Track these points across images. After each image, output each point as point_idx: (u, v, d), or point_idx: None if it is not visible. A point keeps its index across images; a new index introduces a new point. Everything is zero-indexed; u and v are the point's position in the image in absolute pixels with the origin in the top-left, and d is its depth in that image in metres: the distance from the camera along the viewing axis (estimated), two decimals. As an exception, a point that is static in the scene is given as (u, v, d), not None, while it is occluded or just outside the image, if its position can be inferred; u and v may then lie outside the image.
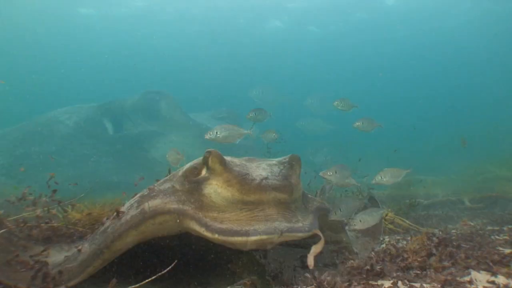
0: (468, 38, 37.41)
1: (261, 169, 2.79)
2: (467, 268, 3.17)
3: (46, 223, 3.97)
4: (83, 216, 4.77)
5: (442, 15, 34.28)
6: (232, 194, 2.58)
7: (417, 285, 2.70)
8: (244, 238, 2.37)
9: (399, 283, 2.71)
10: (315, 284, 2.54)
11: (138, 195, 3.16)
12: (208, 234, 2.46)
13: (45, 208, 4.13)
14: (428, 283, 2.75)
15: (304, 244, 3.79)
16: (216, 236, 2.42)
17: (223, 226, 2.45)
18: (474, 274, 3.04)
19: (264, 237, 2.37)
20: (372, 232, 4.53)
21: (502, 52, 38.55)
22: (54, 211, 4.28)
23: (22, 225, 3.73)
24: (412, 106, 53.21)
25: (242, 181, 2.60)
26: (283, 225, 2.47)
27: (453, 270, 3.00)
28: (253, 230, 2.40)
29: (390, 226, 6.87)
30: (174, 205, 2.68)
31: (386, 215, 7.09)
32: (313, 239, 2.74)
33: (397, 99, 53.86)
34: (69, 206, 6.75)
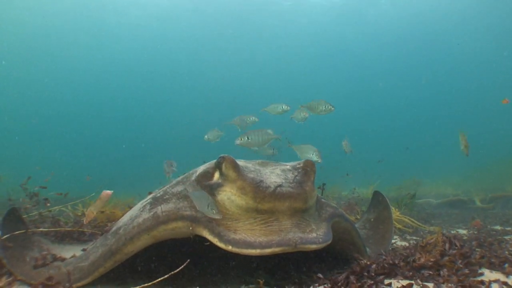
0: (467, 37, 37.18)
1: (275, 176, 2.76)
2: (480, 268, 3.15)
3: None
4: (95, 215, 4.81)
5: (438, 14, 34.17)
6: (246, 202, 2.56)
7: (430, 285, 2.69)
8: (257, 251, 2.35)
9: (412, 283, 2.69)
10: (329, 284, 2.53)
11: (150, 196, 3.16)
12: (221, 245, 2.44)
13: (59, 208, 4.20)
14: (442, 283, 2.73)
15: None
16: (230, 247, 2.40)
17: (237, 236, 2.43)
18: (488, 275, 3.02)
19: (278, 249, 2.36)
20: (382, 232, 4.50)
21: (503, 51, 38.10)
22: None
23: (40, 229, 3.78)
24: (417, 107, 52.87)
25: (256, 189, 2.56)
26: (297, 236, 2.44)
27: (466, 270, 2.98)
28: (267, 242, 2.37)
29: (399, 226, 6.85)
30: (187, 212, 2.66)
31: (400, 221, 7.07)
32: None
33: (401, 100, 53.50)
34: (80, 205, 6.87)
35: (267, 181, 2.63)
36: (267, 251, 2.35)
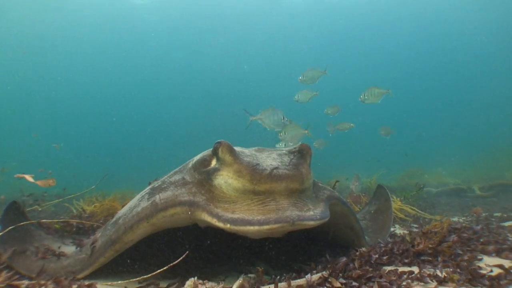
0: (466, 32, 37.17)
1: (271, 159, 2.77)
2: (479, 254, 3.17)
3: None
4: (95, 209, 4.85)
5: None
6: (243, 185, 2.56)
7: (429, 271, 2.70)
8: (256, 228, 2.36)
9: (413, 270, 2.70)
10: (328, 271, 2.54)
11: (149, 187, 3.18)
12: (220, 224, 2.45)
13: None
14: (439, 269, 2.74)
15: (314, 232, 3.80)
16: (228, 226, 2.41)
17: (235, 216, 2.44)
18: (486, 260, 3.04)
19: (276, 226, 2.36)
20: (382, 222, 4.52)
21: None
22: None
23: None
24: (420, 96, 52.71)
25: (253, 171, 2.57)
26: (294, 213, 2.45)
27: (465, 256, 3.00)
28: (265, 219, 2.38)
29: (401, 215, 6.86)
30: (185, 197, 2.68)
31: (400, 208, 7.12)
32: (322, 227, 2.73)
33: (403, 89, 53.31)
34: (81, 200, 6.89)
35: (263, 164, 2.64)
36: (265, 227, 2.36)
